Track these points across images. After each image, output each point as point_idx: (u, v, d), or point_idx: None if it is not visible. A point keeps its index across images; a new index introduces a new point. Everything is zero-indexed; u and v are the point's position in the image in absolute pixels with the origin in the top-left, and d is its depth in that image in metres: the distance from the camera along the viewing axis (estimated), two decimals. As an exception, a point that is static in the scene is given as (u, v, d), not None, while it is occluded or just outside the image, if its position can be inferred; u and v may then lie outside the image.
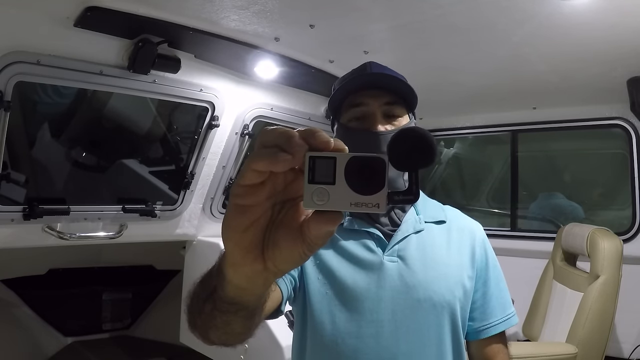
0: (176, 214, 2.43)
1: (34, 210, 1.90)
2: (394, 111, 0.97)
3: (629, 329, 2.52)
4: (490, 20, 1.70)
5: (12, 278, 2.89)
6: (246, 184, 0.40)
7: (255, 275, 0.45)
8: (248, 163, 0.40)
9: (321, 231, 0.41)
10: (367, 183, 0.39)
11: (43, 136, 2.57)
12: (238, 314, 0.55)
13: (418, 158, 0.47)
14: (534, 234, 3.03)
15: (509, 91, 2.58)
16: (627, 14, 1.61)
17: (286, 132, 0.40)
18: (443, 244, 1.00)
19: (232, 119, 2.31)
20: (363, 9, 1.65)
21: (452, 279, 0.95)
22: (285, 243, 0.43)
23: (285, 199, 0.43)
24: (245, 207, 0.41)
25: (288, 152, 0.39)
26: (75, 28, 1.60)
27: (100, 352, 3.10)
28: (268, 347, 1.98)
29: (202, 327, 0.64)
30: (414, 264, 0.95)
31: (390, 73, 1.00)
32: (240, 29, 1.80)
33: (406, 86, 0.97)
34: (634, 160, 2.58)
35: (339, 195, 0.39)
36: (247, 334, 0.66)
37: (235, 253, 0.44)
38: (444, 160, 4.00)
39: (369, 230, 0.99)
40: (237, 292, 0.50)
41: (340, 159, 0.40)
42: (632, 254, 2.48)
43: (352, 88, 0.98)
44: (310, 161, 0.39)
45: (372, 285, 0.94)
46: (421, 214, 1.02)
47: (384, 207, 0.39)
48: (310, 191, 0.39)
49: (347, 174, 0.39)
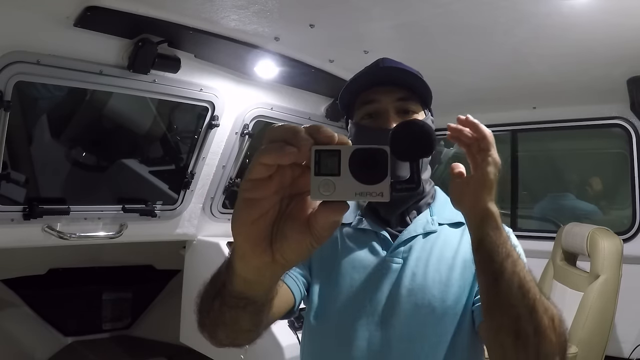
0: (176, 213, 2.43)
1: (34, 210, 1.90)
2: (408, 107, 0.94)
3: (629, 329, 2.51)
4: (490, 20, 1.70)
5: (12, 278, 2.89)
6: (255, 178, 0.42)
7: (264, 267, 0.47)
8: (256, 157, 0.41)
9: (328, 221, 0.43)
10: (371, 173, 0.41)
11: (43, 136, 2.57)
12: (246, 309, 0.56)
13: (417, 148, 0.50)
14: (534, 233, 3.03)
15: (509, 91, 2.57)
16: (626, 14, 1.61)
17: (292, 127, 0.42)
18: (454, 247, 0.94)
19: (232, 119, 2.31)
20: (363, 8, 1.65)
21: (458, 285, 0.89)
22: (293, 235, 0.44)
23: (293, 193, 0.45)
24: (254, 201, 0.43)
25: (294, 145, 0.40)
26: (75, 28, 1.60)
27: (100, 352, 3.10)
28: (268, 347, 1.98)
29: (210, 325, 0.65)
30: (417, 266, 0.92)
31: (404, 68, 0.96)
32: (240, 28, 1.80)
33: (420, 81, 0.94)
34: (634, 159, 2.58)
35: (344, 185, 0.41)
36: (254, 333, 0.67)
37: (245, 246, 0.45)
38: (444, 160, 4.00)
39: (375, 231, 0.96)
40: (246, 285, 0.51)
41: (345, 152, 0.41)
42: (632, 254, 2.47)
43: (363, 84, 0.96)
44: (316, 154, 0.41)
45: (370, 287, 0.92)
46: (436, 214, 0.98)
47: (388, 195, 0.41)
48: (316, 183, 0.41)
49: (351, 165, 0.41)
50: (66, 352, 3.06)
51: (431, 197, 1.02)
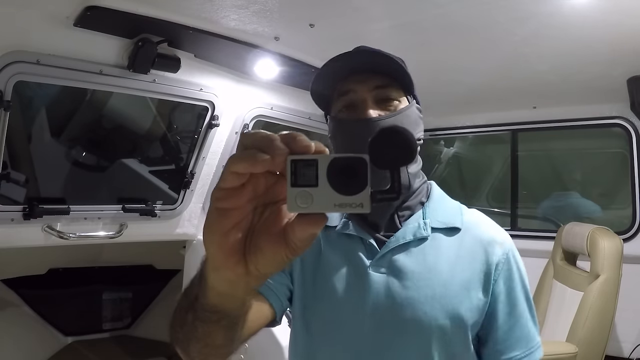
0: (176, 213, 2.43)
1: (34, 210, 1.90)
2: (388, 94, 0.85)
3: (629, 328, 2.51)
4: (490, 19, 1.70)
5: (12, 278, 2.89)
6: (227, 187, 0.40)
7: (238, 279, 0.45)
8: (227, 166, 0.40)
9: (305, 234, 0.41)
10: (350, 183, 0.40)
11: (43, 136, 2.57)
12: (220, 323, 0.54)
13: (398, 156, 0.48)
14: (534, 233, 3.03)
15: (509, 90, 2.58)
16: (626, 14, 1.61)
17: (267, 135, 0.40)
18: (450, 256, 0.84)
19: (232, 119, 2.31)
20: (363, 8, 1.65)
21: (451, 300, 0.80)
22: (268, 246, 0.42)
23: (267, 202, 0.43)
24: (226, 210, 0.41)
25: (268, 153, 0.38)
26: (75, 27, 1.60)
27: (100, 352, 3.09)
28: (268, 347, 1.98)
29: (183, 340, 0.62)
30: (406, 278, 0.82)
31: (380, 52, 0.88)
32: (240, 28, 1.80)
33: (397, 65, 0.85)
34: (634, 159, 2.58)
35: (323, 197, 0.39)
36: (228, 348, 0.63)
37: (217, 257, 0.43)
38: (443, 159, 4.00)
39: (361, 236, 0.87)
40: (219, 298, 0.50)
41: (322, 161, 0.40)
42: (632, 253, 2.48)
43: (337, 74, 0.87)
44: (292, 165, 0.39)
45: (352, 299, 0.84)
46: (429, 217, 0.87)
47: (368, 206, 0.40)
48: (293, 195, 0.39)
49: (329, 175, 0.39)
50: (66, 352, 3.05)
51: (425, 195, 0.92)
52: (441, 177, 4.10)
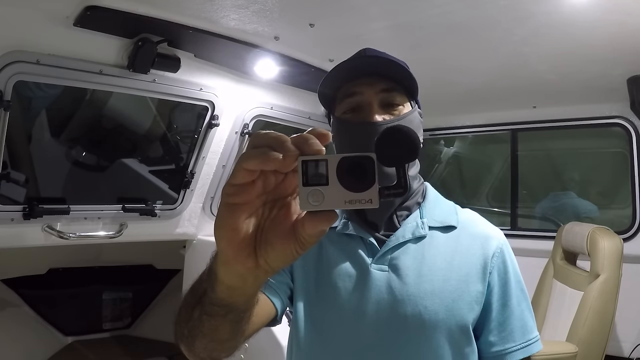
0: (176, 213, 2.43)
1: (34, 210, 1.90)
2: (393, 99, 0.87)
3: (629, 328, 2.51)
4: (490, 19, 1.70)
5: (12, 278, 2.89)
6: (237, 183, 0.42)
7: (247, 273, 0.46)
8: (239, 162, 0.41)
9: (316, 230, 0.42)
10: (359, 181, 0.42)
11: (43, 135, 2.57)
12: (227, 317, 0.55)
13: (403, 154, 0.50)
14: (534, 232, 3.03)
15: (509, 90, 2.57)
16: (626, 13, 1.61)
17: (279, 136, 0.42)
18: (447, 253, 0.87)
19: (232, 118, 2.31)
20: (362, 7, 1.65)
21: (451, 295, 0.83)
22: (278, 241, 0.44)
23: (277, 197, 0.45)
24: (237, 206, 0.43)
25: (278, 151, 0.40)
26: (74, 27, 1.60)
27: (100, 352, 3.09)
28: (268, 347, 1.98)
29: (188, 336, 0.63)
30: (406, 275, 0.85)
31: (388, 57, 0.90)
32: (239, 28, 1.80)
33: (405, 71, 0.88)
34: (634, 159, 2.58)
35: (333, 194, 0.41)
36: (233, 343, 0.64)
37: (228, 251, 0.45)
38: (443, 159, 4.00)
39: (361, 236, 0.90)
40: (228, 292, 0.51)
41: (332, 161, 0.42)
42: (633, 253, 2.48)
43: (344, 76, 0.89)
44: (303, 165, 0.41)
45: (354, 297, 0.85)
46: (426, 216, 0.90)
47: (377, 201, 0.42)
48: (305, 193, 0.41)
49: (339, 174, 0.42)
50: (66, 352, 3.06)
51: (421, 196, 0.95)
52: (441, 176, 4.10)
